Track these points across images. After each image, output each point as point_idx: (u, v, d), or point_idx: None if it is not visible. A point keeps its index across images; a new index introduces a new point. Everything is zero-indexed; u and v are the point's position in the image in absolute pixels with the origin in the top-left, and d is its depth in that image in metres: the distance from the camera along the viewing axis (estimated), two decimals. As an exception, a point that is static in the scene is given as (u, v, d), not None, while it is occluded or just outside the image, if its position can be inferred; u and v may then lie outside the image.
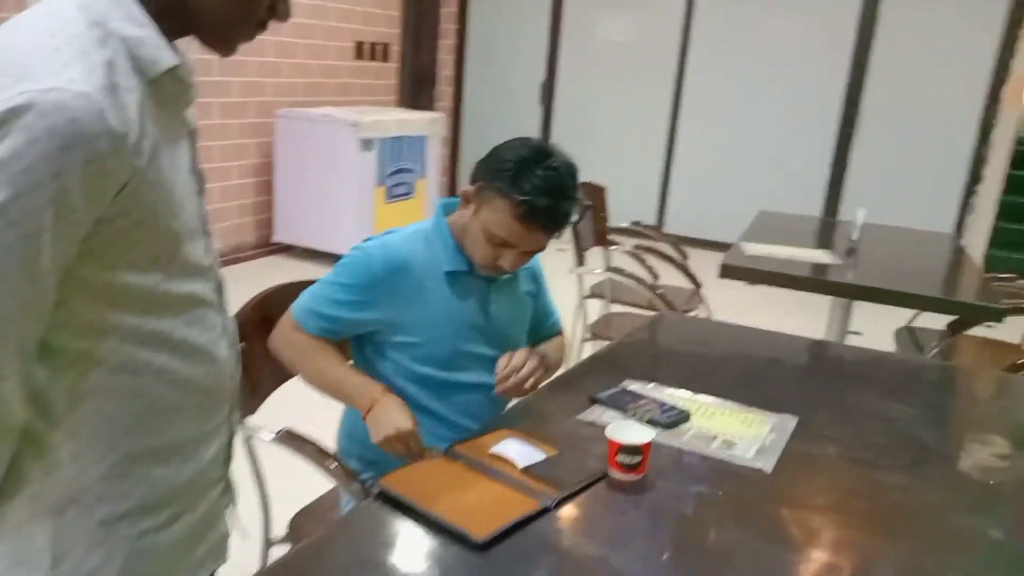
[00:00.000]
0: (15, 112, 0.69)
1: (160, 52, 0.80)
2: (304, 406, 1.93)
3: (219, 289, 0.96)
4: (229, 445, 1.03)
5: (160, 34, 0.81)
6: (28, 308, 0.75)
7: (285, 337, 1.50)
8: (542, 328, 1.70)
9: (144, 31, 0.79)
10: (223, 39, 0.87)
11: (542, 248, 1.46)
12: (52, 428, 0.83)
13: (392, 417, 1.36)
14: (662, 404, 1.46)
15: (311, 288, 1.51)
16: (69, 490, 0.84)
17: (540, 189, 1.36)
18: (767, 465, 1.26)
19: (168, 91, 0.84)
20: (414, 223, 1.56)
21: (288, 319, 1.50)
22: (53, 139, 0.70)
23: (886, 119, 5.79)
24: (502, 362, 1.43)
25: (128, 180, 0.77)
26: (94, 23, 0.77)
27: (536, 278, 1.68)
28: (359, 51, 5.96)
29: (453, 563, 1.02)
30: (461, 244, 1.49)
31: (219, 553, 1.03)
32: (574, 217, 1.45)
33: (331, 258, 5.13)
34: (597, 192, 3.50)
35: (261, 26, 0.87)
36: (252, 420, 1.54)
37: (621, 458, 1.19)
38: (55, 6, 0.78)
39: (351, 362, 1.56)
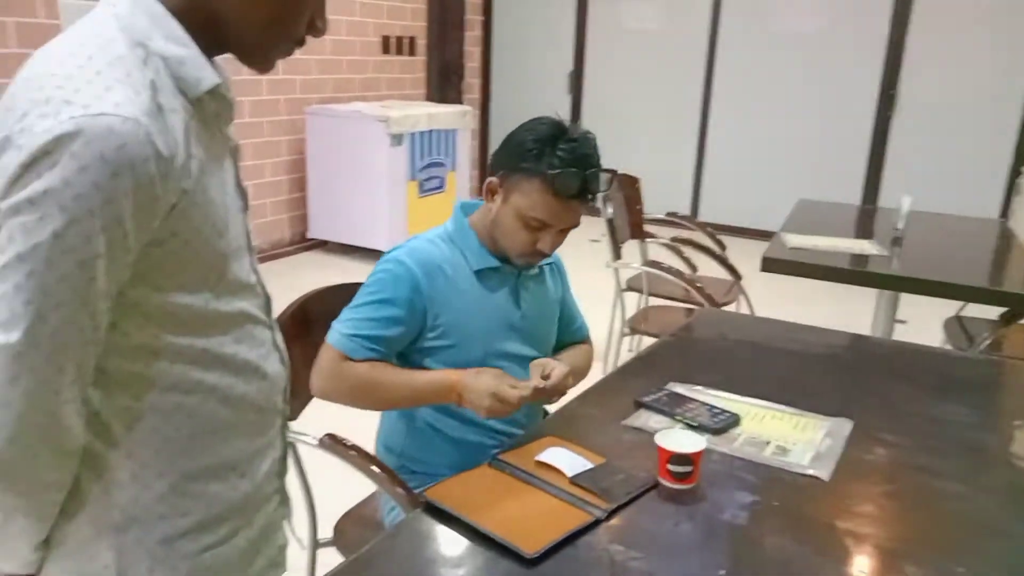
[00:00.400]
0: (64, 139, 0.69)
1: (202, 71, 0.80)
2: (342, 411, 1.93)
3: (266, 304, 0.96)
4: (283, 458, 1.02)
5: (200, 53, 0.80)
6: (85, 333, 0.75)
7: (333, 372, 1.41)
8: (567, 332, 1.68)
9: (185, 50, 0.79)
10: (261, 57, 0.86)
11: (577, 223, 1.44)
12: (110, 449, 0.83)
13: (477, 395, 1.34)
14: (710, 407, 1.42)
15: (345, 316, 1.44)
16: (130, 509, 0.85)
17: (567, 161, 1.36)
18: (824, 473, 1.23)
19: (210, 109, 0.83)
20: (433, 228, 1.54)
21: (330, 355, 1.41)
22: (103, 165, 0.69)
23: (925, 101, 5.64)
24: (536, 374, 1.39)
25: (177, 202, 0.77)
26: (136, 43, 0.76)
27: (561, 275, 1.66)
28: (385, 45, 5.95)
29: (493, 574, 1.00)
30: (485, 241, 1.49)
31: (278, 563, 1.03)
32: (603, 186, 1.42)
33: (366, 252, 5.17)
34: (631, 183, 3.45)
35: (299, 43, 0.86)
36: (294, 426, 1.54)
37: (672, 467, 1.16)
38: (95, 27, 0.77)
39: None
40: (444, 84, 6.76)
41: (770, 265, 2.45)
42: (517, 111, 7.00)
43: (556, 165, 1.36)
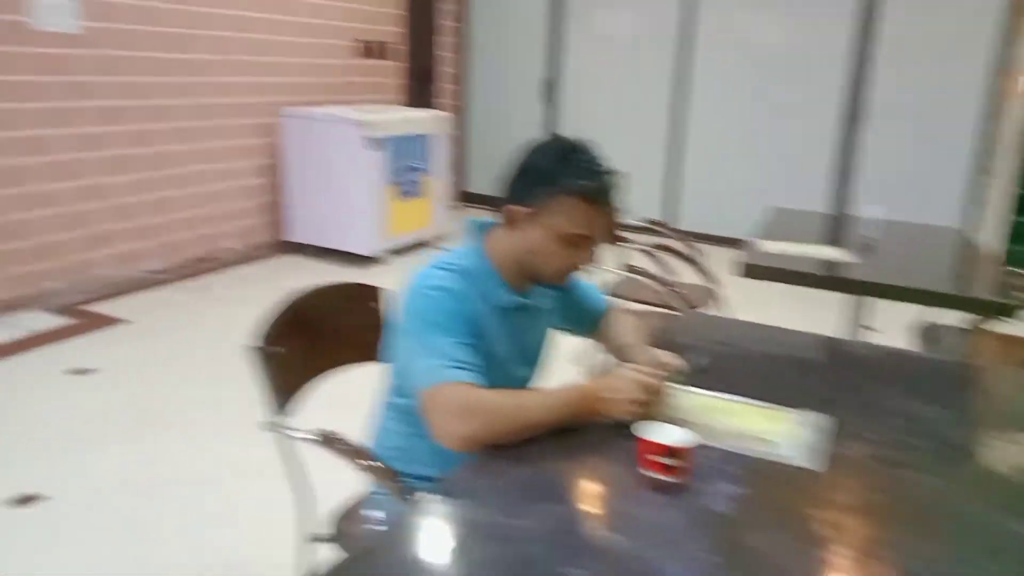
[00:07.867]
0: None
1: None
2: (338, 409, 1.96)
3: None
4: None
5: None
6: None
7: (466, 407, 1.27)
8: (594, 310, 1.75)
9: None
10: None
11: (613, 229, 1.48)
12: None
13: (620, 392, 1.33)
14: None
15: (422, 355, 1.34)
16: None
17: (591, 170, 1.40)
18: (810, 463, 1.28)
19: None
20: (445, 256, 1.49)
21: (452, 392, 1.29)
22: None
23: (890, 109, 5.80)
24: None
25: None
26: None
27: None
28: (361, 50, 5.96)
29: (492, 563, 1.02)
30: (506, 275, 1.48)
31: None
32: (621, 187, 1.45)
33: (343, 256, 5.16)
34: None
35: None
36: (291, 422, 1.56)
37: (664, 460, 1.19)
38: None
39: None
40: (420, 89, 6.79)
41: (752, 271, 2.51)
42: (493, 116, 7.08)
43: (585, 176, 1.39)
